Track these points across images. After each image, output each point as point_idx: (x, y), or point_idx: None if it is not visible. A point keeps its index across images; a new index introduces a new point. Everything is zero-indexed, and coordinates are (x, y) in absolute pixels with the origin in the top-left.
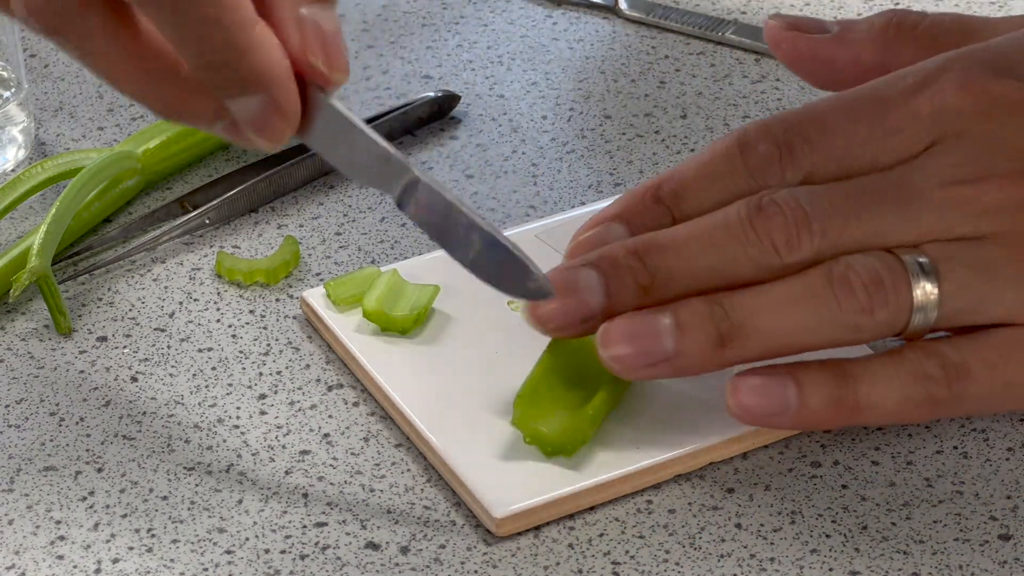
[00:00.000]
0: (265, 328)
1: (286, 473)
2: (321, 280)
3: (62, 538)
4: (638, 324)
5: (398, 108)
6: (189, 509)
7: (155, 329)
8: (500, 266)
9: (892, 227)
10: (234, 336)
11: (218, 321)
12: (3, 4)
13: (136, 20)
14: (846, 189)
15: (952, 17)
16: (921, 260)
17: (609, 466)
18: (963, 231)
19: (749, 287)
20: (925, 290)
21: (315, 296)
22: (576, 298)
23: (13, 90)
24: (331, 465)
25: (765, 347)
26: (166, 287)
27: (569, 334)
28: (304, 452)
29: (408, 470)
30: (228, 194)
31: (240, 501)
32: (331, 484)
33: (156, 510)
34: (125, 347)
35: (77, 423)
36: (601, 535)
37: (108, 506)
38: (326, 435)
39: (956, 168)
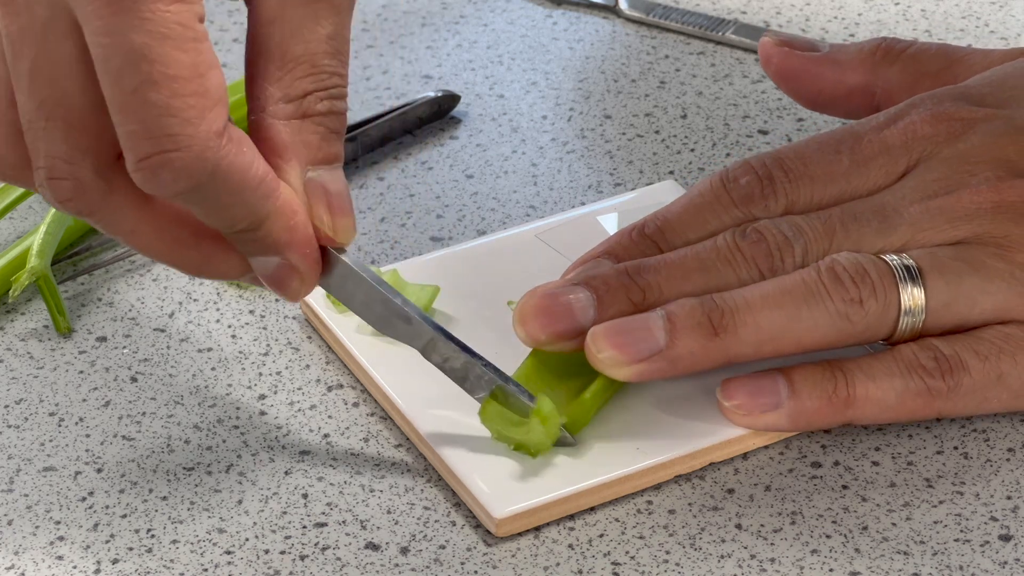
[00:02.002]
0: (265, 328)
1: (286, 473)
2: None
3: (61, 538)
4: (628, 321)
5: (398, 108)
6: (189, 509)
7: (155, 329)
8: (517, 412)
9: (871, 242)
10: (234, 336)
11: (218, 321)
12: (29, 184)
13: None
14: (825, 215)
15: (937, 46)
16: (906, 263)
17: (609, 466)
18: (942, 238)
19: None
20: (912, 293)
21: (315, 296)
22: (568, 315)
23: None
24: (331, 465)
25: (757, 338)
26: (166, 287)
27: (559, 349)
28: (304, 452)
29: (408, 470)
30: None
31: (240, 501)
32: (331, 484)
33: (156, 510)
34: (125, 347)
35: (77, 423)
36: (601, 535)
37: (108, 506)
38: (326, 435)
39: (930, 185)
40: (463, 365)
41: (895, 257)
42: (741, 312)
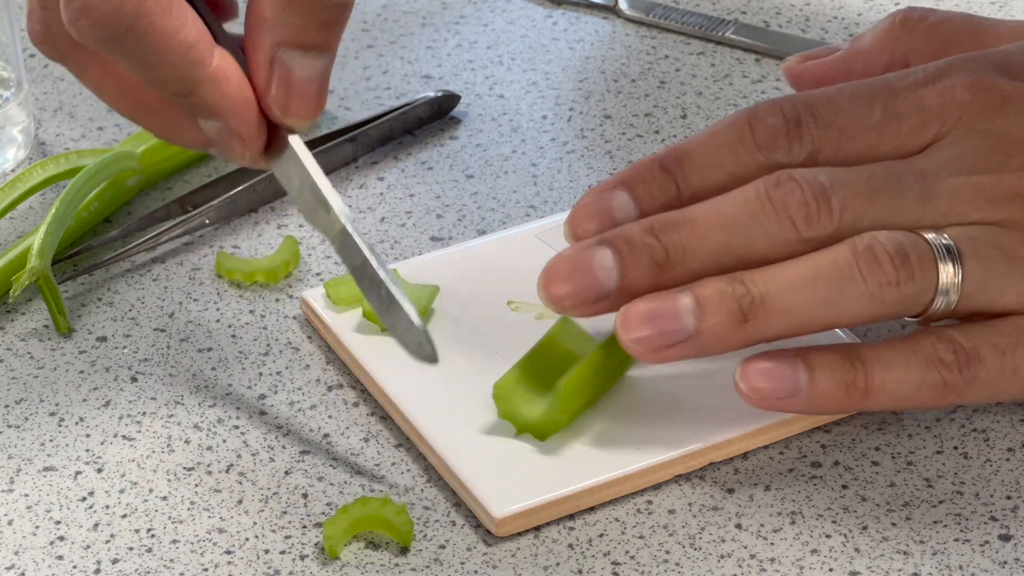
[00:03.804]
0: (265, 328)
1: (286, 473)
2: (321, 280)
3: (62, 538)
4: (657, 305)
5: (398, 108)
6: (189, 509)
7: (155, 329)
8: (399, 323)
9: (910, 209)
10: (234, 336)
11: (218, 321)
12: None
13: None
14: (864, 171)
15: (961, 14)
16: (946, 242)
17: (609, 466)
18: (980, 216)
19: (770, 265)
20: (948, 272)
21: (315, 296)
22: (591, 277)
23: (13, 90)
24: (331, 465)
25: (787, 323)
26: (166, 287)
27: (584, 313)
28: (304, 452)
29: (408, 470)
30: (228, 194)
31: (240, 501)
32: (331, 484)
33: (156, 510)
34: (125, 347)
35: (77, 423)
36: (601, 535)
37: (108, 506)
38: (326, 435)
39: (967, 160)
40: (362, 266)
41: (934, 235)
42: (772, 297)
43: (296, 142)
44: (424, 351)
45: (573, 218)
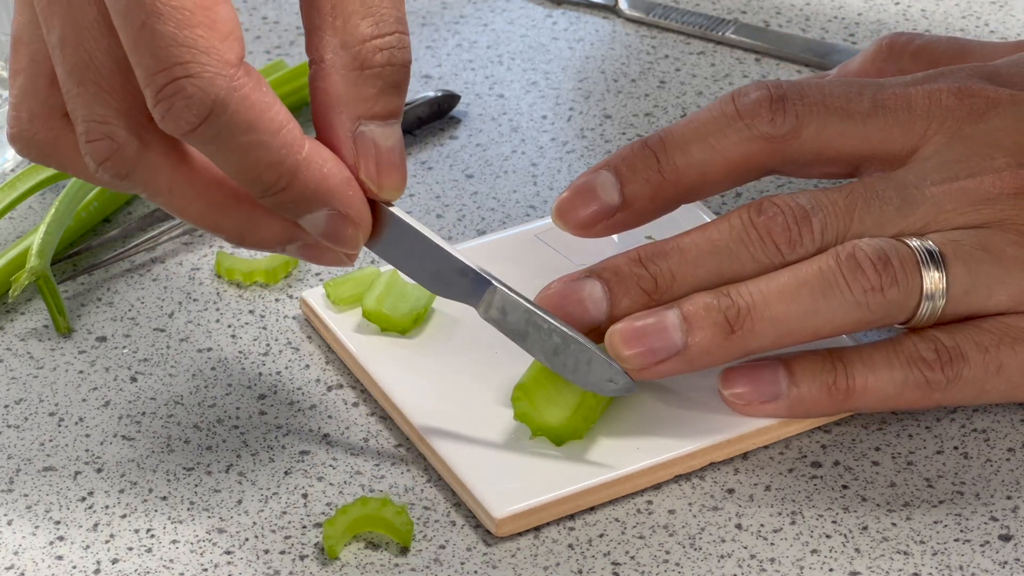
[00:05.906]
0: (265, 328)
1: (286, 473)
2: (321, 280)
3: (61, 538)
4: (645, 322)
5: None
6: (189, 509)
7: (154, 329)
8: (580, 363)
9: (892, 220)
10: (233, 336)
11: (217, 321)
12: (70, 166)
13: (194, 156)
14: (844, 189)
15: (947, 38)
16: (928, 247)
17: (609, 466)
18: (964, 220)
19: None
20: (933, 278)
21: (315, 296)
22: (581, 309)
23: None
24: (331, 465)
25: (774, 332)
26: (165, 287)
27: None
28: (304, 452)
29: (408, 470)
30: None
31: (240, 501)
32: (331, 484)
33: (155, 510)
34: (125, 347)
35: (76, 423)
36: (601, 535)
37: (107, 506)
38: (326, 435)
39: (952, 166)
40: (525, 320)
41: (917, 241)
42: (758, 308)
43: (400, 213)
44: (621, 385)
45: (560, 203)
